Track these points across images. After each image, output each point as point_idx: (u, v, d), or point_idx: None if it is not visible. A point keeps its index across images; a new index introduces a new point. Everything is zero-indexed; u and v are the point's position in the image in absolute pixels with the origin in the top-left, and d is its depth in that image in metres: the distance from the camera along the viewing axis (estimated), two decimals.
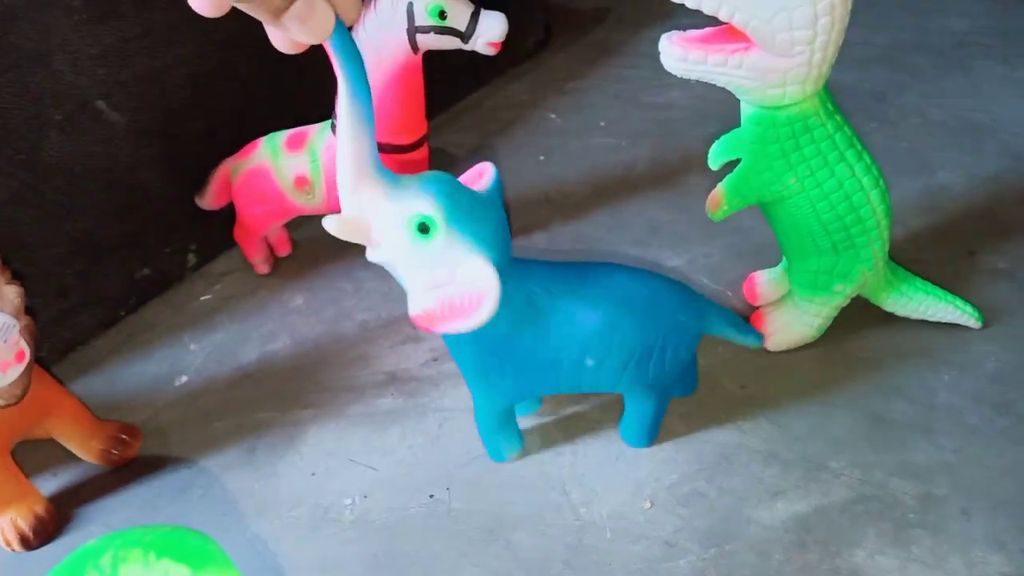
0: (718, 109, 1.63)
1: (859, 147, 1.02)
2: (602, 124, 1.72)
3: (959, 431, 1.02)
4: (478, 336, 0.86)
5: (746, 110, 1.03)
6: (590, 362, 0.90)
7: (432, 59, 1.21)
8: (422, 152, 1.28)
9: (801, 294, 1.11)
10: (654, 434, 1.03)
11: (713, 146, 1.15)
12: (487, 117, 1.78)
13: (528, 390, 0.95)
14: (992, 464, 0.98)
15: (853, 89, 1.76)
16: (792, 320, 1.13)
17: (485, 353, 0.90)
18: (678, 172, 1.55)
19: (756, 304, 1.20)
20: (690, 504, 0.97)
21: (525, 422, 1.08)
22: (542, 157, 1.64)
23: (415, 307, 0.82)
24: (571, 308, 0.88)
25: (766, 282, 1.20)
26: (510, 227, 0.86)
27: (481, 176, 0.86)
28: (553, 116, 1.77)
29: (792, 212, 1.05)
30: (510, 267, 0.84)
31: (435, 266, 0.80)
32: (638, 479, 1.01)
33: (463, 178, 0.86)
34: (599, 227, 1.44)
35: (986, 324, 1.15)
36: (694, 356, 1.07)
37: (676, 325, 0.90)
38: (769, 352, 1.15)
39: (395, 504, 1.01)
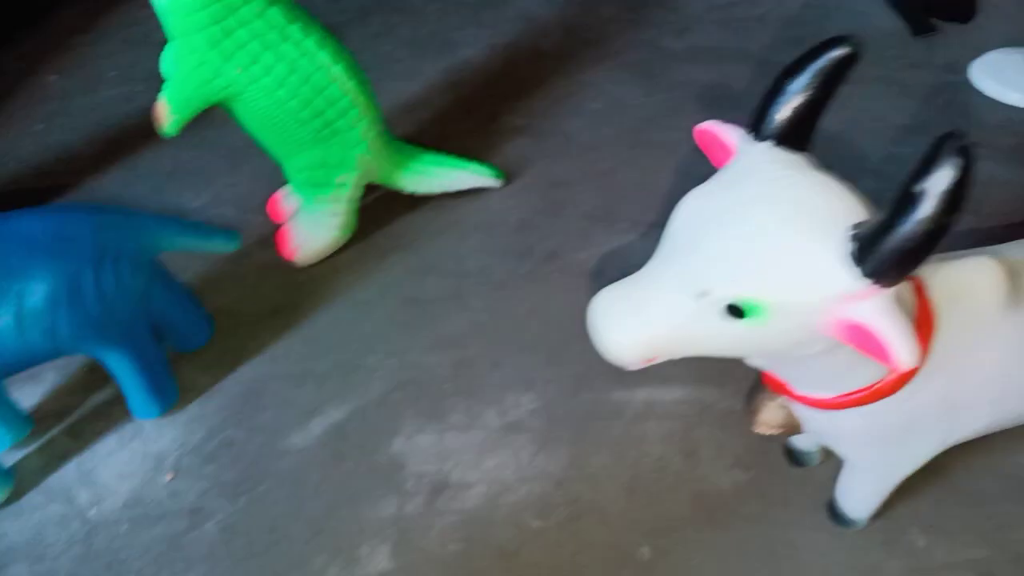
0: None
1: (304, 21, 0.93)
2: (113, 74, 1.48)
3: (487, 289, 1.01)
4: None
5: (157, 1, 0.89)
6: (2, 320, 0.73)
7: None
8: None
9: (308, 197, 1.02)
10: (166, 399, 0.88)
11: (161, 57, 1.00)
12: None
13: None
14: (517, 311, 0.98)
15: None
16: (312, 228, 1.04)
17: None
18: None
19: (281, 222, 1.09)
20: (217, 459, 0.85)
21: (16, 451, 0.88)
22: (41, 125, 1.37)
23: None
24: None
25: (287, 197, 1.10)
26: None
27: None
28: (55, 77, 1.49)
29: (255, 107, 0.94)
30: None
31: None
32: (158, 452, 0.86)
33: None
34: (115, 183, 1.23)
35: (508, 180, 1.15)
36: (195, 302, 0.93)
37: (103, 249, 0.78)
38: (302, 268, 1.05)
39: None
